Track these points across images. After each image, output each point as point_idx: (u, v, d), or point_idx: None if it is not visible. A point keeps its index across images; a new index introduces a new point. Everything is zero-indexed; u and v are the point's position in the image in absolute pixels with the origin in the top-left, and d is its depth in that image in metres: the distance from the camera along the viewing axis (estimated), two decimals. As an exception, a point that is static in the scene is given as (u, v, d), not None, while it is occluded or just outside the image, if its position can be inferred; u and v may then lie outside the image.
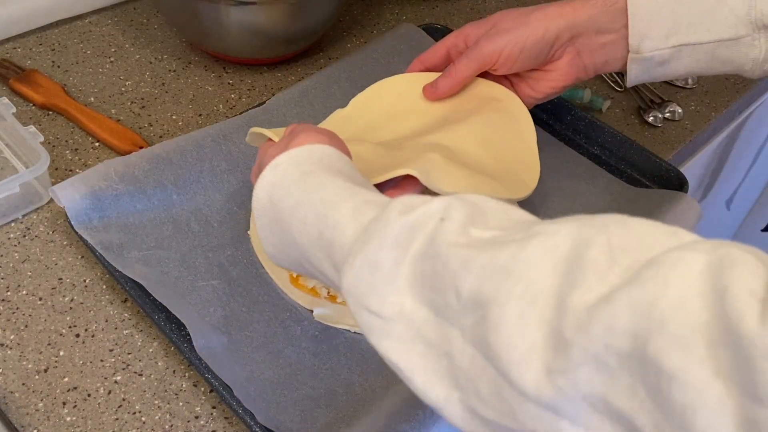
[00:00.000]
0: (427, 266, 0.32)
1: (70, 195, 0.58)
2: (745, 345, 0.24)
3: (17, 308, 0.57)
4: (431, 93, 0.64)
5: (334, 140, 0.46)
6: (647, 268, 0.27)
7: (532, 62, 0.61)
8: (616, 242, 0.29)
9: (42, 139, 0.63)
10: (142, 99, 0.75)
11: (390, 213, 0.35)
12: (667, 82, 0.84)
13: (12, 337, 0.55)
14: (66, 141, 0.69)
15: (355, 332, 0.56)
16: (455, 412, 0.31)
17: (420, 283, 0.32)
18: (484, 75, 0.65)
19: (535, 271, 0.29)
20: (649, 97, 0.81)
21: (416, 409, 0.49)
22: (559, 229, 0.31)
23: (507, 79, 0.66)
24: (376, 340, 0.33)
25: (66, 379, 0.53)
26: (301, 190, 0.39)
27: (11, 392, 0.52)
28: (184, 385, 0.53)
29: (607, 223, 0.30)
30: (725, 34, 0.53)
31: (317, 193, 0.39)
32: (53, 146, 0.69)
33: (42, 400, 0.52)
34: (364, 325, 0.34)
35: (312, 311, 0.57)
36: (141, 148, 0.67)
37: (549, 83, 0.63)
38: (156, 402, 0.52)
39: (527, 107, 0.65)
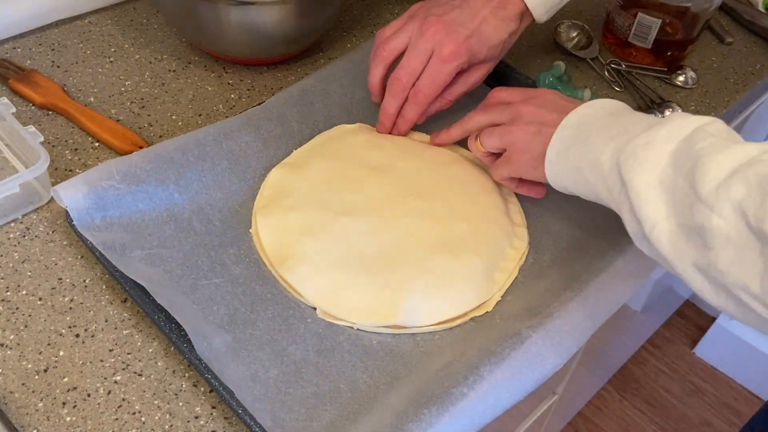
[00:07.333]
0: (683, 147, 0.48)
1: (72, 195, 0.57)
2: None
3: (17, 308, 0.56)
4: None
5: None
6: None
7: None
8: None
9: (42, 139, 0.63)
10: (142, 99, 0.74)
11: (675, 114, 0.52)
12: (667, 82, 0.84)
13: (12, 337, 0.55)
14: (66, 141, 0.69)
15: (358, 329, 0.56)
16: (664, 227, 0.47)
17: (673, 154, 0.48)
18: None
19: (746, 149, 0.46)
20: (649, 97, 0.81)
21: (422, 407, 0.48)
22: None
23: None
24: (629, 168, 0.49)
25: (66, 379, 0.53)
26: (609, 119, 0.55)
27: (11, 392, 0.52)
28: (184, 385, 0.53)
29: None
30: None
31: (623, 117, 0.54)
32: (53, 146, 0.69)
33: (42, 400, 0.51)
34: (625, 159, 0.50)
35: (315, 308, 0.57)
36: (141, 148, 0.67)
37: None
38: (156, 402, 0.52)
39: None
